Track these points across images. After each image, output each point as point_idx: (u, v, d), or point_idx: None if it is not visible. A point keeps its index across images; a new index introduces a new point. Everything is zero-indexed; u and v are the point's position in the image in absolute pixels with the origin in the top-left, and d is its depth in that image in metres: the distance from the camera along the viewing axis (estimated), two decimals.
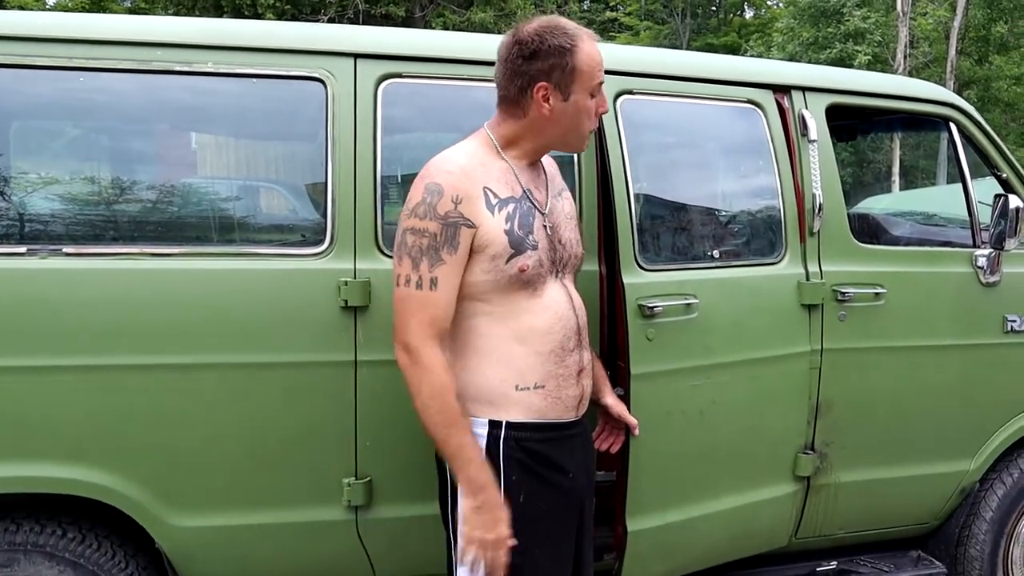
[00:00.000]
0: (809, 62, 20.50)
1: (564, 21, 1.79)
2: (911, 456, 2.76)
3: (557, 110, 1.79)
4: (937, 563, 2.93)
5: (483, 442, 1.78)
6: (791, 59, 21.73)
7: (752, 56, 22.60)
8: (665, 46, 31.42)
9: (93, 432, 2.03)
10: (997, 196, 2.68)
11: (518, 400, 1.79)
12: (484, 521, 1.73)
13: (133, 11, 19.07)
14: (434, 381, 1.70)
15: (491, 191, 1.77)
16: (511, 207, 1.79)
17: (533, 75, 1.76)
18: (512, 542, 1.74)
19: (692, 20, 34.99)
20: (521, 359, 1.79)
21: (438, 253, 1.72)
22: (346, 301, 2.11)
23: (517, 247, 1.77)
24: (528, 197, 1.84)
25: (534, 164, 1.91)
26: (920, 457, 2.77)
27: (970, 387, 2.78)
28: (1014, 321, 2.80)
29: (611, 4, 35.66)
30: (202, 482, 2.11)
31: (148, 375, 2.04)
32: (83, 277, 2.01)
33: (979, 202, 2.84)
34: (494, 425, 1.79)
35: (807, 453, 2.59)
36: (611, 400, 2.11)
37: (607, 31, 34.07)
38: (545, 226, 1.84)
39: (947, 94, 2.89)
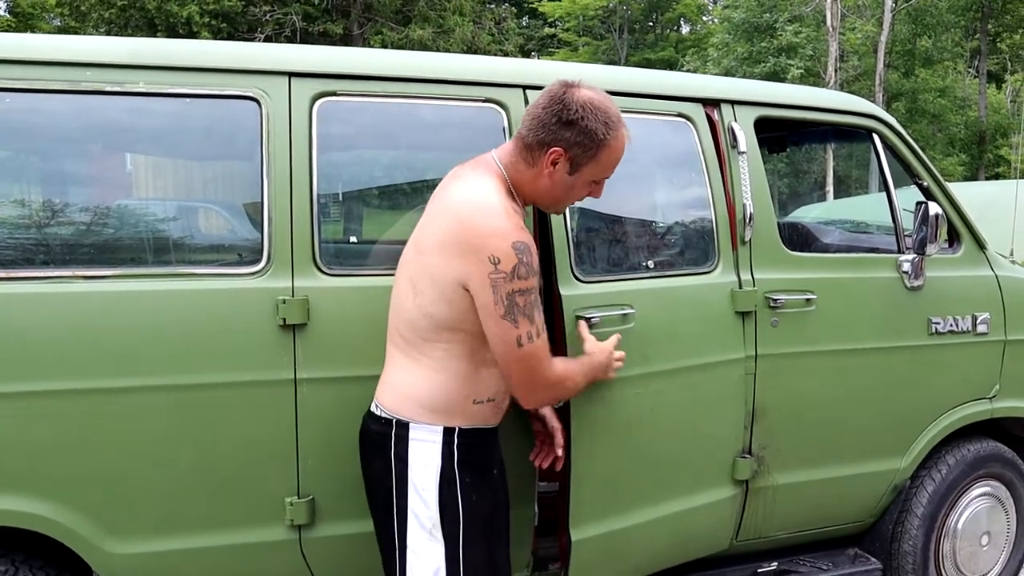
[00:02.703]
0: (744, 76, 20.97)
1: (613, 107, 1.86)
2: (845, 456, 2.84)
3: (558, 177, 1.88)
4: (873, 559, 3.02)
5: (438, 448, 1.88)
6: (727, 73, 22.21)
7: (688, 70, 23.03)
8: (603, 61, 31.83)
9: (26, 460, 1.98)
10: (919, 203, 2.78)
11: (471, 411, 1.91)
12: (599, 369, 2.09)
13: (62, 30, 18.65)
14: (567, 385, 1.98)
15: None
16: None
17: (558, 138, 1.83)
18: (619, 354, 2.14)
19: (630, 36, 35.52)
20: (485, 379, 1.91)
21: (539, 302, 1.84)
22: (284, 319, 2.10)
23: None
24: None
25: None
26: (853, 457, 2.85)
27: (898, 388, 2.87)
28: (938, 323, 2.90)
29: (550, 20, 35.97)
30: (141, 507, 2.07)
31: (84, 400, 2.00)
32: (12, 302, 1.97)
33: (903, 209, 2.94)
34: (448, 432, 1.89)
35: (744, 457, 2.65)
36: (546, 411, 2.18)
37: (546, 47, 34.41)
38: None
39: (869, 106, 2.98)
